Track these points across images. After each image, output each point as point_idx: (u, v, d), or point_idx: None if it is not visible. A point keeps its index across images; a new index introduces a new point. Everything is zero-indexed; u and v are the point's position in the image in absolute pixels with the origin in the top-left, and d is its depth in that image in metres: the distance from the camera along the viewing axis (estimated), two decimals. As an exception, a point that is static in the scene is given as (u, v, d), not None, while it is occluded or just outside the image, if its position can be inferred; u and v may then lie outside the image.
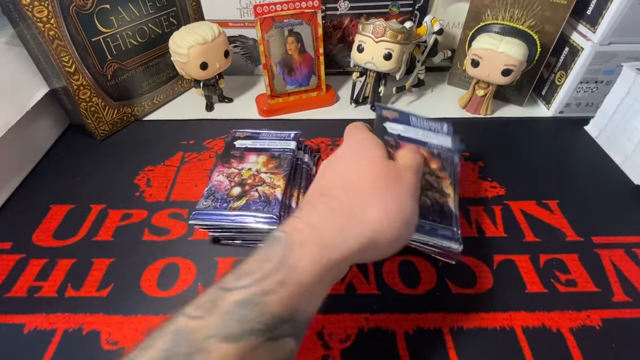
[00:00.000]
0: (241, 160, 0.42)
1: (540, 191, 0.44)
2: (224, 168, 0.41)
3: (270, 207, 0.37)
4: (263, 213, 0.36)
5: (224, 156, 0.42)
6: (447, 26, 0.58)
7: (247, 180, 0.39)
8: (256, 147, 0.43)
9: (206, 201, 0.38)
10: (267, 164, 0.41)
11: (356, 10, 0.57)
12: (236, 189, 0.39)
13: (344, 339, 0.32)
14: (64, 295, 0.35)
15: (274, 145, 0.43)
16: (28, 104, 0.46)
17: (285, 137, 0.44)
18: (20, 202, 0.44)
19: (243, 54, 0.62)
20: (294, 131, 0.45)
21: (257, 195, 0.38)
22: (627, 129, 0.46)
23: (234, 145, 0.43)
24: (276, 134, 0.45)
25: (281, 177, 0.39)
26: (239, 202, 0.37)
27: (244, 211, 0.37)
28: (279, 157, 0.42)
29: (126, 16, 0.49)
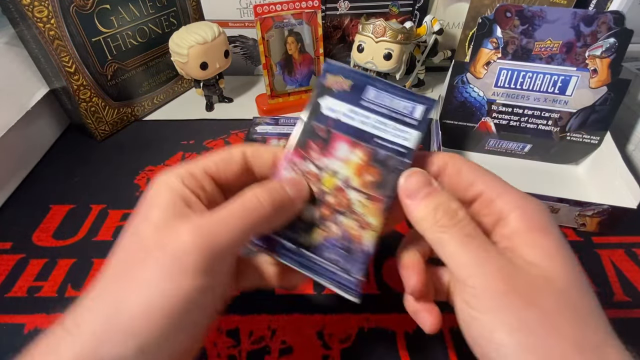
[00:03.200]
0: (325, 148, 0.25)
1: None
2: (298, 158, 0.25)
3: (352, 263, 0.24)
4: (340, 270, 0.24)
5: (307, 133, 0.25)
6: (447, 26, 0.59)
7: (328, 194, 0.24)
8: (353, 124, 0.25)
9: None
10: (364, 171, 0.24)
11: (356, 10, 0.57)
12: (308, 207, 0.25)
13: (344, 339, 0.32)
14: (64, 295, 0.35)
15: (383, 132, 0.24)
16: (28, 104, 0.46)
17: (407, 115, 0.24)
18: (20, 202, 0.44)
19: (243, 54, 0.62)
20: (425, 100, 0.25)
21: (338, 233, 0.24)
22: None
23: (320, 114, 0.25)
24: (394, 97, 0.25)
25: (379, 209, 0.24)
26: (310, 235, 0.24)
27: (315, 254, 0.24)
28: (384, 162, 0.24)
29: (126, 16, 0.49)
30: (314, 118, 0.25)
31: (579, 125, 0.43)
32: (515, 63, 0.41)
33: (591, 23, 0.38)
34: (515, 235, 0.20)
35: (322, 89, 0.25)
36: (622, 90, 0.40)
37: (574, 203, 0.36)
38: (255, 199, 0.22)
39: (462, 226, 0.20)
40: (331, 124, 0.25)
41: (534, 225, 0.20)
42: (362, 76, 0.25)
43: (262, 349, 0.31)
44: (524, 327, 0.17)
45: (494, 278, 0.19)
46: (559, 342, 0.17)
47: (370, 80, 0.25)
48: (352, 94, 0.25)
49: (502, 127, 0.44)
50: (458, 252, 0.20)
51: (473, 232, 0.20)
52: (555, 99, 0.42)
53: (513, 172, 0.45)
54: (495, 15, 0.40)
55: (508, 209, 0.21)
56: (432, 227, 0.21)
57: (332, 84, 0.25)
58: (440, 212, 0.21)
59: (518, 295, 0.18)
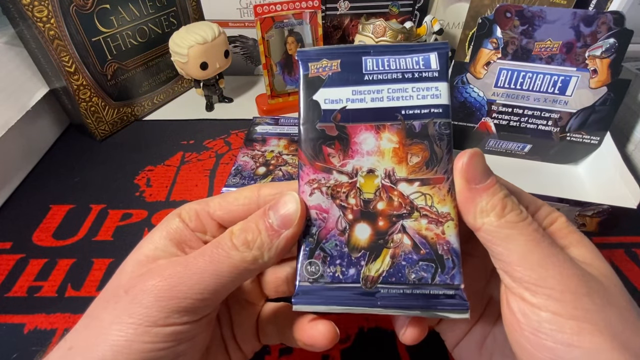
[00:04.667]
0: (346, 148, 0.20)
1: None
2: (318, 173, 0.20)
3: (445, 271, 0.19)
4: (435, 287, 0.19)
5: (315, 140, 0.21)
6: (447, 26, 0.59)
7: (375, 201, 0.20)
8: (367, 106, 0.20)
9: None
10: (406, 154, 0.20)
11: (356, 10, 0.57)
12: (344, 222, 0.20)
13: (344, 339, 0.32)
14: (64, 295, 0.35)
15: (405, 99, 0.20)
16: (28, 103, 0.46)
17: (423, 69, 0.20)
18: (20, 202, 0.44)
19: (243, 54, 0.62)
20: (434, 46, 0.21)
21: (410, 242, 0.19)
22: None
23: (321, 111, 0.21)
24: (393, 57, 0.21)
25: (445, 191, 0.20)
26: (375, 264, 0.19)
27: (394, 286, 0.19)
28: (425, 133, 0.20)
29: (126, 16, 0.49)
30: (316, 119, 0.20)
31: (579, 126, 0.43)
32: (515, 63, 0.41)
33: (591, 23, 0.38)
34: (567, 237, 0.20)
35: (309, 82, 0.21)
36: (622, 91, 0.40)
37: (574, 203, 0.36)
38: (229, 245, 0.19)
39: (529, 222, 0.19)
40: (340, 117, 0.20)
41: (573, 229, 0.20)
42: (351, 48, 0.21)
43: (262, 349, 0.31)
44: (611, 327, 0.17)
45: (572, 279, 0.17)
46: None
47: (361, 50, 0.21)
48: (349, 73, 0.20)
49: (502, 127, 0.44)
50: (529, 250, 0.18)
51: (541, 230, 0.19)
52: (555, 99, 0.42)
53: (513, 172, 0.45)
54: (495, 16, 0.40)
55: (556, 215, 0.20)
56: (497, 221, 0.18)
57: (318, 72, 0.21)
58: (509, 205, 0.19)
59: (599, 296, 0.17)
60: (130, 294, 0.18)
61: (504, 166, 0.46)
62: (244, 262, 0.19)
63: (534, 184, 0.44)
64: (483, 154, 0.20)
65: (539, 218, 0.20)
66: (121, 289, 0.19)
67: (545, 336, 0.17)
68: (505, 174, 0.23)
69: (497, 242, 0.18)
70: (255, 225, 0.19)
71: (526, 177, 0.45)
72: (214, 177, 0.46)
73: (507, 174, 0.24)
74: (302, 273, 0.19)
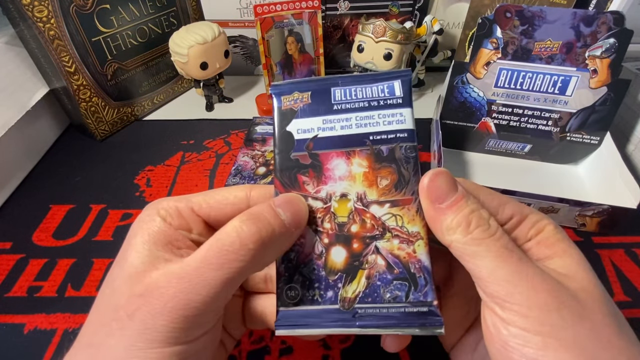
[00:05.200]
0: (319, 175, 0.21)
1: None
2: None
3: (419, 289, 0.20)
4: (409, 306, 0.19)
5: (290, 169, 0.22)
6: (447, 26, 0.59)
7: (349, 224, 0.21)
8: (336, 134, 0.21)
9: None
10: (375, 177, 0.21)
11: (356, 10, 0.57)
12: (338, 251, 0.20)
13: (344, 338, 0.32)
14: (64, 295, 0.35)
15: (372, 126, 0.21)
16: (28, 103, 0.46)
17: (387, 97, 0.22)
18: (20, 202, 0.44)
19: (243, 54, 0.62)
20: (397, 74, 0.22)
21: (384, 262, 0.20)
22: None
23: (294, 141, 0.22)
24: (358, 83, 0.22)
25: (414, 211, 0.21)
26: (352, 285, 0.20)
27: (370, 306, 0.19)
28: (392, 157, 0.21)
29: (126, 16, 0.49)
30: (290, 149, 0.21)
31: (579, 126, 0.43)
32: (515, 63, 0.41)
33: (591, 23, 0.38)
34: (553, 247, 0.19)
35: (282, 114, 0.22)
36: (622, 91, 0.40)
37: (574, 203, 0.36)
38: (234, 236, 0.18)
39: (497, 238, 0.19)
40: (312, 145, 0.21)
41: (561, 237, 0.20)
42: (320, 81, 0.22)
43: (262, 349, 0.31)
44: (580, 343, 0.16)
45: (541, 295, 0.17)
46: (613, 356, 0.17)
47: (330, 81, 0.22)
48: (318, 104, 0.22)
49: (502, 127, 0.44)
50: (496, 267, 0.18)
51: (510, 245, 0.19)
52: (555, 99, 0.42)
53: (513, 172, 0.45)
54: (495, 16, 0.40)
55: (543, 224, 0.20)
56: (463, 239, 0.19)
57: (290, 105, 0.22)
58: (474, 221, 0.19)
59: (569, 311, 0.17)
60: (137, 319, 0.17)
61: (504, 166, 0.46)
62: (252, 263, 0.18)
63: (534, 184, 0.44)
64: (448, 172, 0.20)
65: (524, 228, 0.20)
66: (121, 311, 0.17)
67: (513, 350, 0.17)
68: (505, 174, 0.23)
69: (466, 259, 0.19)
70: (268, 220, 0.19)
71: (526, 177, 0.45)
72: (214, 177, 0.46)
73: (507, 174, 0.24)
74: (283, 298, 0.20)
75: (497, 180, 0.43)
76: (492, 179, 0.44)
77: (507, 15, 0.40)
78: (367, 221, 0.20)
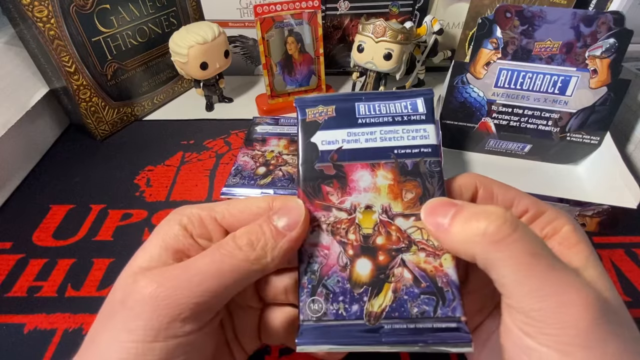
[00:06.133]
0: (343, 186, 0.21)
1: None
2: (319, 211, 0.21)
3: (447, 304, 0.19)
4: (437, 321, 0.19)
5: (314, 180, 0.21)
6: (447, 26, 0.59)
7: (374, 236, 0.20)
8: (361, 146, 0.22)
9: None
10: (400, 190, 0.21)
11: (356, 10, 0.57)
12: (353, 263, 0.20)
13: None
14: (64, 295, 0.35)
15: (397, 140, 0.22)
16: (28, 103, 0.46)
17: (411, 113, 0.22)
18: (20, 202, 0.44)
19: (243, 54, 0.62)
20: (420, 92, 0.23)
21: (410, 276, 0.20)
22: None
23: (319, 152, 0.22)
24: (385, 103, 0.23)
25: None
26: (378, 299, 0.19)
27: (397, 321, 0.19)
28: (417, 171, 0.21)
29: (126, 16, 0.49)
30: (315, 160, 0.21)
31: (579, 126, 0.43)
32: (515, 63, 0.41)
33: (591, 23, 0.38)
34: (570, 249, 0.18)
35: (307, 126, 0.22)
36: (622, 91, 0.40)
37: (574, 203, 0.36)
38: (232, 245, 0.18)
39: (518, 237, 0.16)
40: (337, 157, 0.21)
41: (580, 239, 0.19)
42: (344, 96, 0.23)
43: (263, 349, 0.31)
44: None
45: (572, 309, 0.15)
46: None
47: (354, 97, 0.23)
48: (343, 118, 0.22)
49: (502, 127, 0.44)
50: (522, 278, 0.16)
51: (535, 246, 0.16)
52: (555, 99, 0.42)
53: (513, 172, 0.45)
54: (495, 16, 0.40)
55: (561, 223, 0.19)
56: (480, 245, 0.17)
57: (314, 117, 0.22)
58: (484, 219, 0.17)
59: (599, 329, 0.15)
60: (125, 305, 0.17)
61: (504, 166, 0.46)
62: (247, 262, 0.18)
63: (534, 184, 0.44)
64: (439, 200, 0.20)
65: (539, 225, 0.19)
66: (116, 302, 0.18)
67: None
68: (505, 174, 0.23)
69: (490, 271, 0.17)
70: (259, 228, 0.19)
71: (526, 177, 0.45)
72: (214, 177, 0.46)
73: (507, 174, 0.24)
74: (306, 311, 0.19)
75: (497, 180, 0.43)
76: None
77: (507, 15, 0.40)
78: (392, 233, 0.20)
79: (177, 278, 0.17)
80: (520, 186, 0.22)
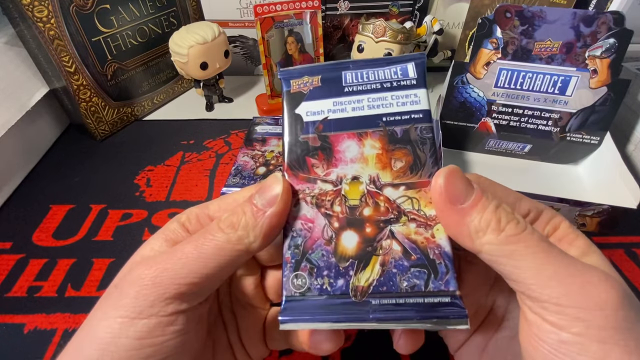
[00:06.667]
0: (329, 157, 0.20)
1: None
2: (303, 184, 0.20)
3: (439, 277, 0.18)
4: (429, 296, 0.18)
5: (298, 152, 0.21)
6: (447, 26, 0.59)
7: (362, 207, 0.19)
8: (348, 115, 0.21)
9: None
10: (389, 159, 0.20)
11: (356, 10, 0.57)
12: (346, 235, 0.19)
13: (344, 338, 0.32)
14: (64, 295, 0.35)
15: (385, 107, 0.21)
16: (28, 103, 0.46)
17: (401, 78, 0.21)
18: (20, 202, 0.44)
19: (243, 54, 0.62)
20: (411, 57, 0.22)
21: (400, 248, 0.19)
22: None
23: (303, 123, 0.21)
24: (369, 66, 0.22)
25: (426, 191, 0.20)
26: (364, 273, 0.18)
27: (385, 295, 0.18)
28: (407, 138, 0.20)
29: (126, 16, 0.49)
30: (298, 131, 0.21)
31: (579, 126, 0.43)
32: (515, 63, 0.41)
33: (591, 23, 0.38)
34: (574, 243, 0.18)
35: (291, 97, 0.21)
36: (622, 91, 0.40)
37: (574, 203, 0.36)
38: (214, 228, 0.19)
39: (531, 231, 0.17)
40: (322, 127, 0.20)
41: (579, 235, 0.19)
42: (330, 65, 0.21)
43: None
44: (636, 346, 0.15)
45: (598, 291, 0.15)
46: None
47: (341, 65, 0.21)
48: (329, 87, 0.21)
49: (502, 127, 0.44)
50: (541, 265, 0.16)
51: (546, 239, 0.17)
52: (555, 99, 0.42)
53: (513, 172, 0.45)
54: (495, 16, 0.40)
55: (558, 220, 0.19)
56: (497, 238, 0.17)
57: (299, 88, 0.21)
58: (504, 216, 0.17)
59: (630, 309, 0.15)
60: (118, 287, 0.18)
61: (504, 166, 0.46)
62: (229, 243, 0.18)
63: (534, 184, 0.44)
64: (459, 169, 0.18)
65: (540, 225, 0.19)
66: (112, 286, 0.19)
67: (566, 358, 0.15)
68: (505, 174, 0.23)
69: (503, 262, 0.17)
70: (241, 209, 0.19)
71: (526, 177, 0.45)
72: (214, 177, 0.46)
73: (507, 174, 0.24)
74: (289, 287, 0.18)
75: (497, 180, 0.43)
76: (492, 179, 0.44)
77: (507, 15, 0.40)
78: (380, 204, 0.19)
79: (163, 262, 0.18)
80: (521, 186, 0.22)
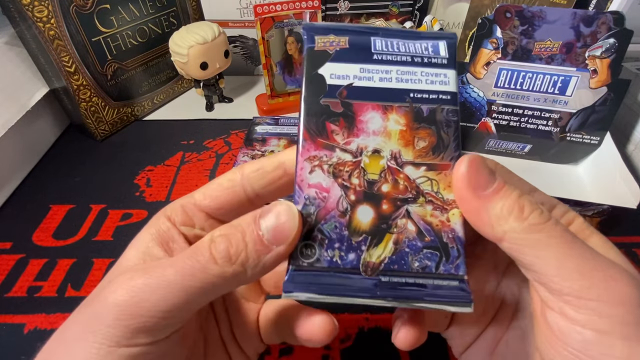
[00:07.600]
0: (350, 126, 0.19)
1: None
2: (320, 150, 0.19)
3: (450, 261, 0.18)
4: (438, 278, 0.18)
5: (319, 115, 0.19)
6: (447, 26, 0.59)
7: (380, 182, 0.19)
8: (374, 85, 0.20)
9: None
10: (413, 137, 0.19)
11: (356, 10, 0.57)
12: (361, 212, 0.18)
13: (344, 338, 0.32)
14: (64, 295, 0.35)
15: (414, 83, 0.20)
16: (28, 103, 0.46)
17: (432, 55, 0.20)
18: (20, 202, 0.44)
19: (243, 54, 0.62)
20: (442, 35, 0.21)
21: (414, 228, 0.18)
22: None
23: (327, 86, 0.19)
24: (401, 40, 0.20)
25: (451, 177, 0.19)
26: (377, 249, 0.18)
27: (396, 273, 0.18)
28: (432, 118, 0.19)
29: (126, 16, 0.49)
30: (321, 94, 0.19)
31: (579, 126, 0.43)
32: (515, 63, 0.41)
33: (591, 23, 0.38)
34: (590, 239, 0.18)
35: (315, 55, 0.20)
36: (622, 91, 0.40)
37: (574, 203, 0.36)
38: (207, 256, 0.16)
39: (555, 223, 0.16)
40: (346, 93, 0.19)
41: (594, 230, 0.18)
42: (359, 28, 0.20)
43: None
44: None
45: (622, 285, 0.15)
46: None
47: (370, 30, 0.20)
48: (356, 51, 0.20)
49: (502, 127, 0.44)
50: (565, 256, 0.15)
51: (570, 230, 0.16)
52: (555, 99, 0.42)
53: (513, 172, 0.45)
54: (495, 16, 0.40)
55: (572, 215, 0.19)
56: (520, 226, 0.16)
57: (324, 47, 0.20)
58: (527, 205, 0.16)
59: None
60: (93, 306, 0.16)
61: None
62: (222, 278, 0.16)
63: (534, 184, 0.43)
64: (483, 157, 0.18)
65: (555, 217, 0.18)
66: (93, 295, 0.17)
67: (589, 359, 0.15)
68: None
69: (525, 251, 0.16)
70: (242, 236, 0.17)
71: (526, 177, 0.44)
72: (214, 177, 0.46)
73: (507, 174, 0.24)
74: (297, 255, 0.17)
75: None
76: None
77: (507, 15, 0.40)
78: (399, 182, 0.19)
79: (141, 289, 0.16)
80: (521, 186, 0.22)
